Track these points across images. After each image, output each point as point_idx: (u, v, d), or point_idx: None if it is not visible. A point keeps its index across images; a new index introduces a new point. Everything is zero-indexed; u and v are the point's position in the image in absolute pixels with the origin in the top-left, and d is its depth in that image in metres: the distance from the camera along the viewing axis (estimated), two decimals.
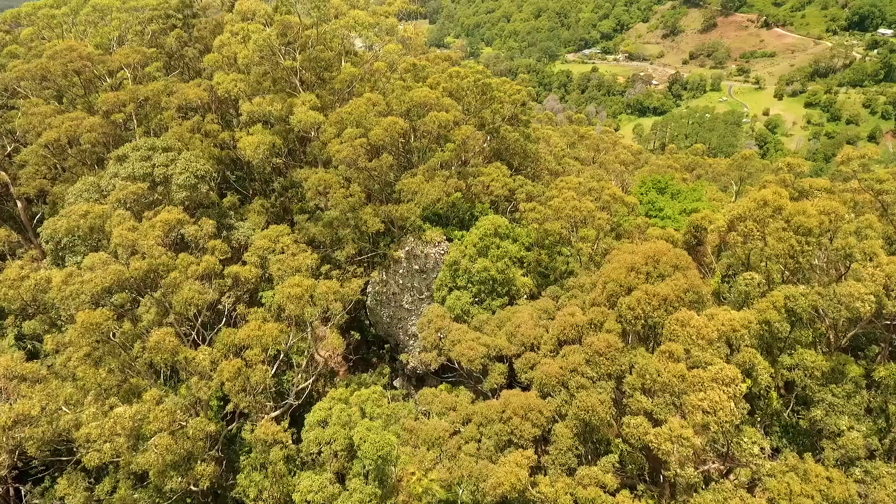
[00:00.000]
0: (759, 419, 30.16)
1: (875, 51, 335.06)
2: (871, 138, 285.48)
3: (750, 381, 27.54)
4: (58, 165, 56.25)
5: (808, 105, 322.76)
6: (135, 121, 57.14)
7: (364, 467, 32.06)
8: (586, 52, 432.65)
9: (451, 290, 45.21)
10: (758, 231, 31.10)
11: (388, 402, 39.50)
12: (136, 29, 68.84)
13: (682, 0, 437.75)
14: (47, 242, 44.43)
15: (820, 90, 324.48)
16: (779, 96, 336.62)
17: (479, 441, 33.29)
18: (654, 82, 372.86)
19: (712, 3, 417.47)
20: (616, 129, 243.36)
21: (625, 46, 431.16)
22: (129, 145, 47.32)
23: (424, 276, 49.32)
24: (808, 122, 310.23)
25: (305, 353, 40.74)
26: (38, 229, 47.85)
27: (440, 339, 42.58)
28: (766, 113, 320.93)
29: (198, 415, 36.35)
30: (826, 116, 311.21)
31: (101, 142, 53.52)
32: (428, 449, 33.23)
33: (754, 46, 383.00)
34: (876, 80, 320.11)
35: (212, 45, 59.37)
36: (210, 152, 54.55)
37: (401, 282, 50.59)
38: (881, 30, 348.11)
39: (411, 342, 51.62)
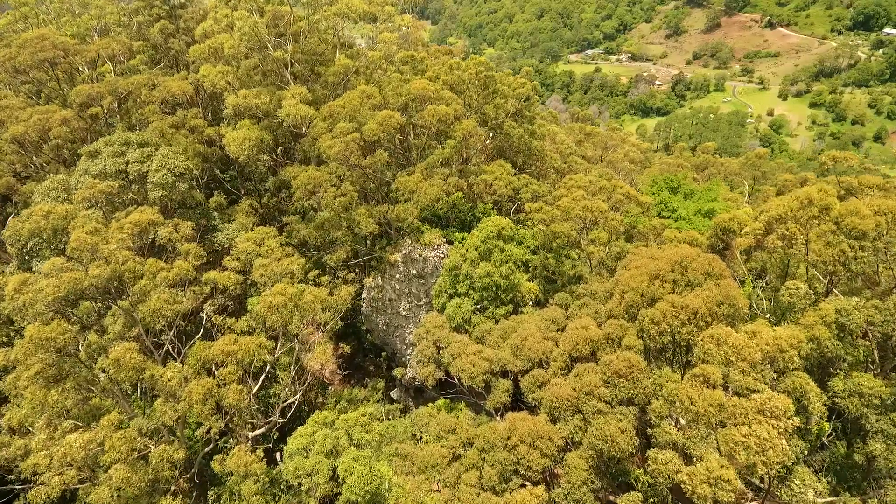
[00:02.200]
0: (805, 451, 26.47)
1: (880, 51, 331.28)
2: (877, 139, 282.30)
3: (793, 406, 23.84)
4: (33, 162, 52.80)
5: (812, 105, 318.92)
6: (117, 116, 53.74)
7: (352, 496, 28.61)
8: (589, 52, 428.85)
9: (451, 296, 41.71)
10: (801, 234, 27.35)
11: (382, 422, 36.09)
12: (120, 20, 65.41)
13: (686, 0, 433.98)
14: (12, 245, 41.04)
15: (825, 90, 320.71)
16: (783, 96, 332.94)
17: (481, 469, 29.79)
18: (657, 83, 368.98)
19: (716, 3, 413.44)
20: None
21: (628, 47, 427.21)
22: (101, 140, 43.79)
23: (423, 281, 45.80)
24: (813, 122, 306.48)
25: (291, 368, 37.21)
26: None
27: (438, 350, 39.19)
28: (770, 113, 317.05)
29: (174, 434, 32.89)
30: (831, 117, 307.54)
31: (79, 137, 50.08)
32: (424, 476, 29.74)
33: (758, 46, 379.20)
34: (881, 80, 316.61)
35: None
36: (195, 149, 51.09)
37: (397, 287, 47.07)
38: (886, 29, 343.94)
39: (409, 352, 48.15)
